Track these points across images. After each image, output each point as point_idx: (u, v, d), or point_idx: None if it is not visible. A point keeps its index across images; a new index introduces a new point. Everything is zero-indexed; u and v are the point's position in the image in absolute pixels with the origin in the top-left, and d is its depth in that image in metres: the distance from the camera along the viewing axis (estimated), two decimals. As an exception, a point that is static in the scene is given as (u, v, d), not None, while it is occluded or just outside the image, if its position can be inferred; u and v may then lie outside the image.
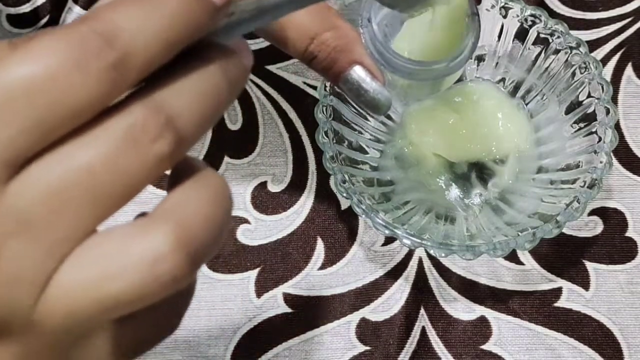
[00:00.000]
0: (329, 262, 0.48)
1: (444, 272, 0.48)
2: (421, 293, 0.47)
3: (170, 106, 0.20)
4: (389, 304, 0.47)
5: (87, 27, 0.19)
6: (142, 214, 0.22)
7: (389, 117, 0.49)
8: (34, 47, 0.19)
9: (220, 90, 0.21)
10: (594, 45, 0.53)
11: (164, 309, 0.23)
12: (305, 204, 0.50)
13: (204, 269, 0.48)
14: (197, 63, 0.21)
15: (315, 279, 0.48)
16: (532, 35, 0.46)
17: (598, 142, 0.43)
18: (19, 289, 0.20)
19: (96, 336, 0.22)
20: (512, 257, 0.48)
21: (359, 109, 0.47)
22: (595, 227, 0.49)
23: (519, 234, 0.41)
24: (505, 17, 0.46)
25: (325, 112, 0.44)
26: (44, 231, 0.19)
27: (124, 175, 0.20)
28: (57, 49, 0.19)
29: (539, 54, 0.46)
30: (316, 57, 0.35)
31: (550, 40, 0.46)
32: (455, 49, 0.40)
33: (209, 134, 0.52)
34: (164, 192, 0.50)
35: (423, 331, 0.47)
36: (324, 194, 0.50)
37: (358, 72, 0.35)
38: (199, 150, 0.51)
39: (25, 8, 0.56)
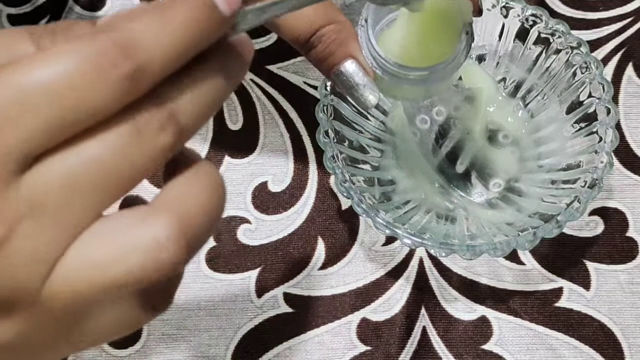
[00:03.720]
0: (329, 262, 0.48)
1: (445, 272, 0.48)
2: (422, 293, 0.47)
3: (172, 101, 0.22)
4: (390, 304, 0.47)
5: (107, 37, 0.21)
6: (134, 198, 0.24)
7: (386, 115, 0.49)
8: (57, 53, 0.21)
9: (219, 86, 0.23)
10: (594, 45, 0.53)
11: (157, 289, 0.25)
12: (305, 203, 0.50)
13: (205, 269, 0.48)
14: (199, 62, 0.23)
15: (315, 278, 0.48)
16: (533, 35, 0.46)
17: (599, 142, 0.43)
18: (29, 268, 0.21)
19: (110, 307, 0.24)
20: (513, 257, 0.48)
21: (359, 108, 0.46)
22: (596, 227, 0.49)
23: (520, 233, 0.41)
24: (506, 16, 0.46)
25: (325, 112, 0.44)
26: (56, 215, 0.21)
27: (130, 164, 0.22)
28: (78, 56, 0.20)
29: (540, 53, 0.46)
30: (315, 47, 0.37)
31: (551, 40, 0.46)
32: (443, 58, 0.39)
33: (210, 134, 0.52)
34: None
35: (424, 331, 0.47)
36: (325, 194, 0.50)
37: (351, 66, 0.37)
38: (200, 150, 0.51)
39: (26, 8, 0.56)
